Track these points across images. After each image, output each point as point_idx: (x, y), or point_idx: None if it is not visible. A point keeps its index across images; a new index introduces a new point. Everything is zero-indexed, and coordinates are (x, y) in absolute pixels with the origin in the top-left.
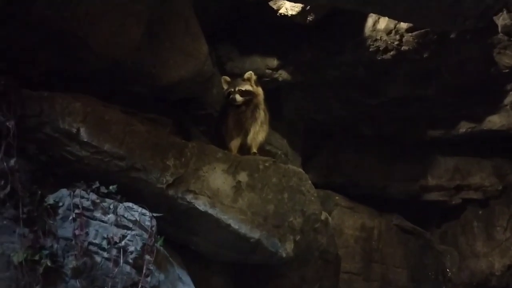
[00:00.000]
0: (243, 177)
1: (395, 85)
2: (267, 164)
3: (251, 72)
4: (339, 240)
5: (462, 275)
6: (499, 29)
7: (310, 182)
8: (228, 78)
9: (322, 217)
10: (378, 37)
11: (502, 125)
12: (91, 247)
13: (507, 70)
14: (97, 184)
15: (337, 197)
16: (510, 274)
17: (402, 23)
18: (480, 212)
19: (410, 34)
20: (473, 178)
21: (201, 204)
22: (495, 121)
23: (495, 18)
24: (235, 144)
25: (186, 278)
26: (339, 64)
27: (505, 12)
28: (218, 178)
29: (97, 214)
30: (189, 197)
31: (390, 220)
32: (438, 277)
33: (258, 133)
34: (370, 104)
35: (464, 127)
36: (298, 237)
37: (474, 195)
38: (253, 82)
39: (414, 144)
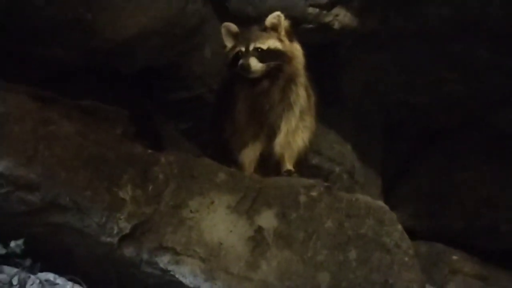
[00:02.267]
0: (267, 219)
1: None
2: (314, 194)
3: (278, 13)
4: None
5: None
6: None
7: (400, 227)
8: (234, 27)
9: None
10: None
11: None
12: None
13: None
14: None
15: (454, 257)
16: None
17: None
18: None
19: None
20: None
21: (188, 274)
22: None
23: None
24: (250, 155)
25: None
26: None
27: None
28: (220, 223)
29: None
30: (163, 260)
31: None
32: None
33: (295, 132)
34: None
35: None
36: None
37: None
38: (283, 33)
39: None
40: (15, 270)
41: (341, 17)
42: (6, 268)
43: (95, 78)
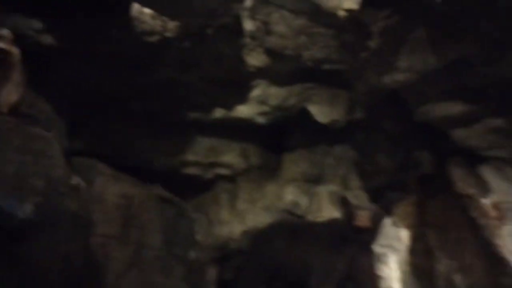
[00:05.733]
0: None
1: (165, 68)
2: (11, 126)
3: (7, 29)
4: (99, 206)
5: (208, 239)
6: (247, 34)
7: (58, 147)
8: None
9: (73, 182)
10: (145, 19)
11: (248, 114)
12: None
13: (253, 70)
14: None
15: (100, 165)
16: (245, 238)
17: None
18: (227, 186)
19: (172, 22)
20: (224, 157)
21: None
22: (243, 110)
23: (244, 22)
24: None
25: None
26: (108, 38)
27: (249, 19)
28: None
29: None
30: None
31: (151, 189)
32: (189, 241)
33: (10, 93)
34: (142, 82)
35: (219, 113)
36: (39, 200)
37: (224, 172)
38: (8, 40)
39: (178, 123)
40: None
41: (48, 39)
42: None
43: None
